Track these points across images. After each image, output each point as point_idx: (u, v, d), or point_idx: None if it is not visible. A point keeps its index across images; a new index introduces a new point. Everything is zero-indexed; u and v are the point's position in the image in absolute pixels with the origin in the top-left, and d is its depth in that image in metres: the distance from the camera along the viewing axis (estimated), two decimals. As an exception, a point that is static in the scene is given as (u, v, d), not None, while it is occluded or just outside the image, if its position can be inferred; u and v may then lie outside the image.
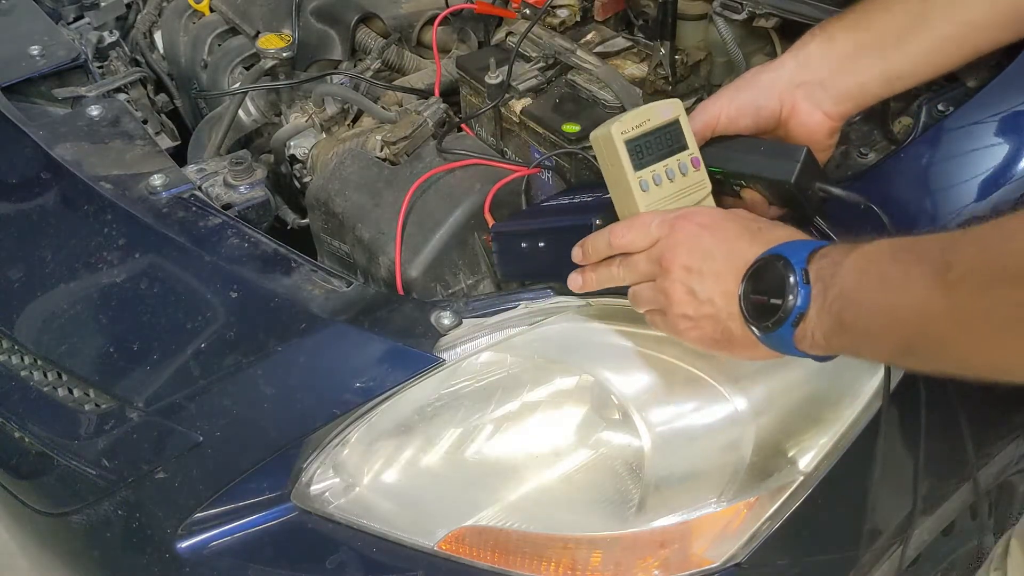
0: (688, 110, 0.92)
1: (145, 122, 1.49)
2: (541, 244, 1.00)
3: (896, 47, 0.92)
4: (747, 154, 0.91)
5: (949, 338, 0.67)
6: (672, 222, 0.84)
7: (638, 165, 0.86)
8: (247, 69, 1.54)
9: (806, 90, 0.92)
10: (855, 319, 0.72)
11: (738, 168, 0.91)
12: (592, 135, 0.89)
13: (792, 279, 0.74)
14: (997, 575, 1.13)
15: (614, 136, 0.85)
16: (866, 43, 0.92)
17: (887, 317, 0.70)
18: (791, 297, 0.74)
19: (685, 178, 0.88)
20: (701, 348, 0.85)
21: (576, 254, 0.91)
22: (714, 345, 0.83)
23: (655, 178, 0.86)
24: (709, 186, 0.90)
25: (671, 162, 0.87)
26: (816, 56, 0.93)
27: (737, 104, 0.93)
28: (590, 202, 1.01)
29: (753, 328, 0.78)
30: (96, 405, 1.04)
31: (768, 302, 0.76)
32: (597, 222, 0.91)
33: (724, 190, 0.93)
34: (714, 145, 0.92)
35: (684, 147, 0.88)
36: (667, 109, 0.87)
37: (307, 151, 1.41)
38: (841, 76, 0.92)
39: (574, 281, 0.92)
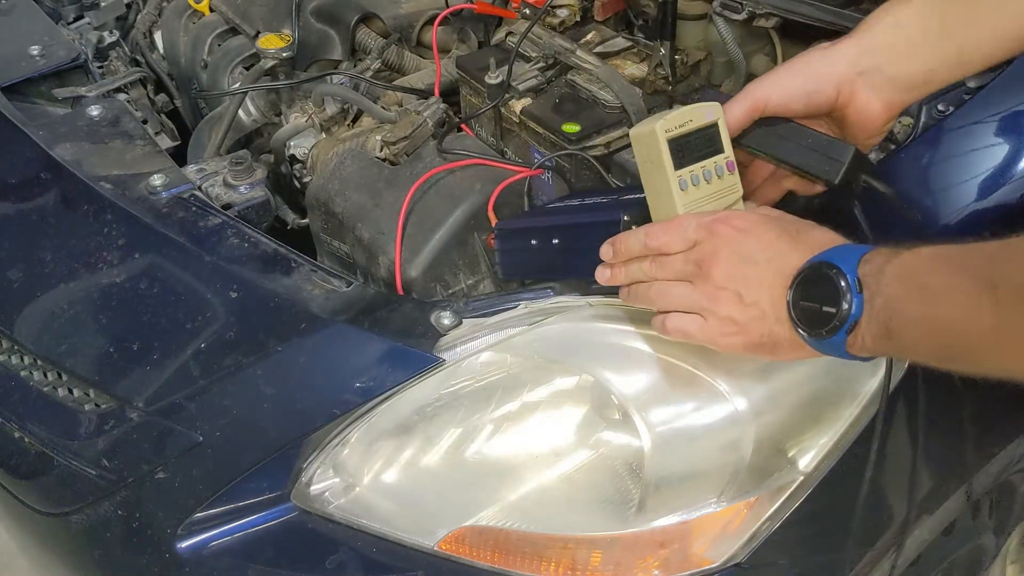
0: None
1: (145, 122, 1.49)
2: (555, 241, 1.00)
3: (967, 31, 0.88)
4: (793, 143, 0.89)
5: (996, 351, 0.68)
6: (709, 226, 0.83)
7: (678, 164, 0.86)
8: (247, 69, 1.54)
9: (867, 78, 0.88)
10: (901, 327, 0.72)
11: (783, 156, 0.90)
12: (633, 132, 0.89)
13: (846, 287, 0.74)
14: (1015, 568, 1.13)
15: (658, 134, 0.85)
16: (935, 28, 0.88)
17: (932, 327, 0.70)
18: (845, 305, 0.74)
19: (720, 181, 0.88)
20: (739, 352, 0.84)
21: (606, 252, 0.90)
22: (757, 349, 0.82)
23: (693, 179, 0.87)
24: (741, 190, 0.90)
25: (708, 164, 0.87)
26: (881, 42, 0.89)
27: (790, 89, 0.89)
28: (607, 202, 1.01)
29: (804, 334, 0.78)
30: (96, 405, 1.04)
31: (821, 310, 0.76)
32: (625, 218, 0.91)
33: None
34: (761, 128, 0.91)
35: (720, 150, 0.88)
36: (709, 111, 0.88)
37: (307, 151, 1.41)
38: (907, 63, 0.88)
39: (602, 274, 0.91)
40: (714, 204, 0.88)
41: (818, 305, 0.76)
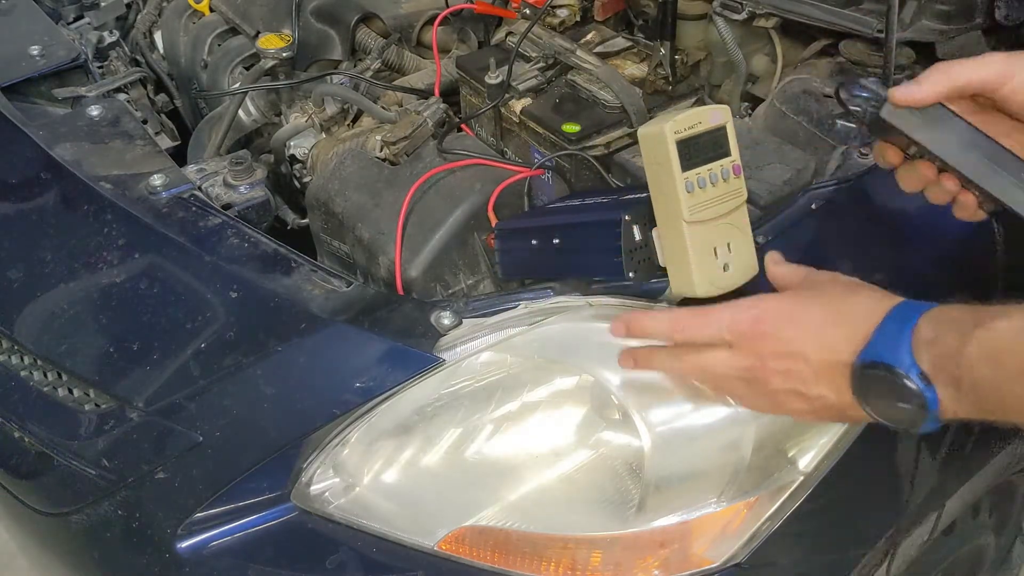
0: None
1: (145, 122, 1.49)
2: (556, 241, 1.00)
3: None
4: (1005, 175, 0.77)
5: None
6: (746, 328, 0.78)
7: (685, 166, 0.86)
8: (247, 69, 1.54)
9: None
10: (1002, 407, 0.68)
11: (990, 188, 0.78)
12: (641, 131, 0.89)
13: (912, 386, 0.70)
14: None
15: (667, 135, 0.85)
16: None
17: None
18: (920, 402, 0.70)
19: (726, 184, 0.88)
20: None
21: (618, 330, 0.85)
22: (839, 420, 0.81)
23: (700, 181, 0.86)
24: (745, 194, 0.89)
25: (715, 167, 0.87)
26: None
27: None
28: (607, 202, 1.01)
29: (890, 427, 0.75)
30: (96, 405, 1.04)
31: (897, 407, 0.72)
32: (626, 218, 0.91)
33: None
34: (956, 135, 0.77)
35: (727, 153, 0.88)
36: (717, 114, 0.87)
37: (307, 151, 1.41)
38: None
39: (625, 361, 0.87)
40: (719, 207, 0.88)
41: (890, 401, 0.72)
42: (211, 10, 1.65)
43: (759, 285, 0.88)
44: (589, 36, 1.39)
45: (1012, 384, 0.67)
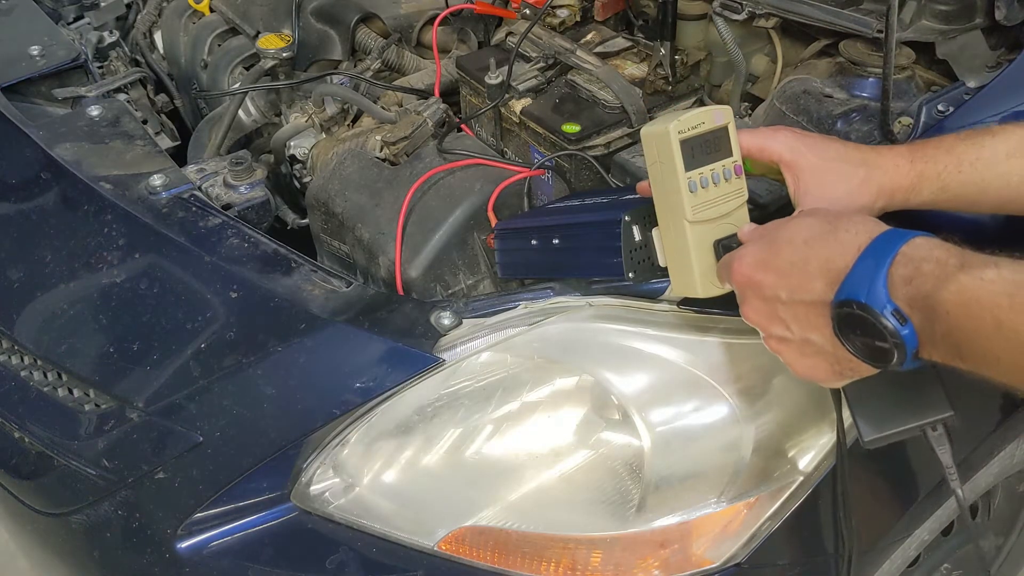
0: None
1: (145, 122, 1.49)
2: (555, 241, 1.01)
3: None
4: None
5: None
6: (730, 270, 0.80)
7: (689, 166, 0.86)
8: (247, 69, 1.54)
9: None
10: (979, 359, 0.66)
11: None
12: (644, 131, 0.89)
13: (889, 325, 0.68)
14: None
15: (671, 135, 0.85)
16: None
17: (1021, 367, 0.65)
18: (897, 340, 0.69)
19: (728, 184, 0.88)
20: (835, 384, 0.81)
21: None
22: (840, 377, 0.78)
23: (702, 181, 0.86)
24: (746, 194, 0.89)
25: (717, 167, 0.87)
26: None
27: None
28: (607, 202, 1.01)
29: (875, 367, 0.73)
30: (96, 405, 1.04)
31: (875, 345, 0.70)
32: (626, 218, 0.91)
33: None
34: None
35: (729, 153, 0.88)
36: (720, 115, 0.87)
37: (307, 151, 1.41)
38: None
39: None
40: (721, 207, 0.88)
41: (871, 340, 0.70)
42: (211, 10, 1.65)
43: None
44: (589, 36, 1.39)
45: (988, 341, 0.65)
